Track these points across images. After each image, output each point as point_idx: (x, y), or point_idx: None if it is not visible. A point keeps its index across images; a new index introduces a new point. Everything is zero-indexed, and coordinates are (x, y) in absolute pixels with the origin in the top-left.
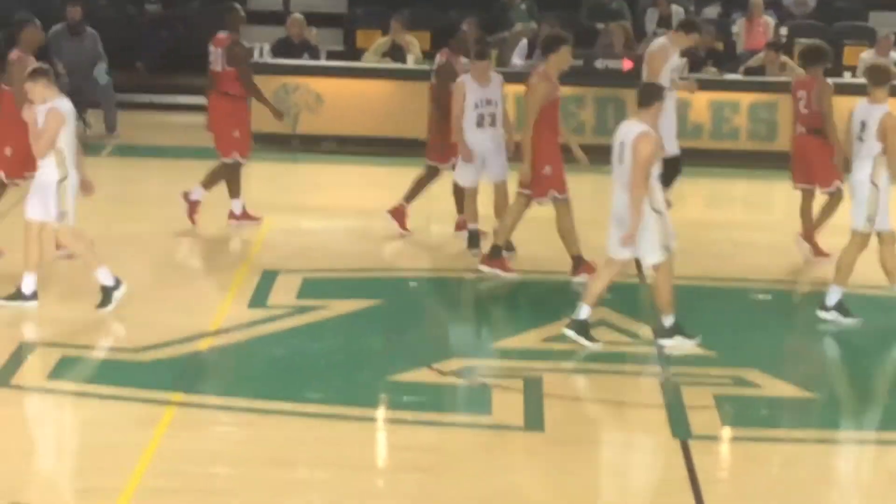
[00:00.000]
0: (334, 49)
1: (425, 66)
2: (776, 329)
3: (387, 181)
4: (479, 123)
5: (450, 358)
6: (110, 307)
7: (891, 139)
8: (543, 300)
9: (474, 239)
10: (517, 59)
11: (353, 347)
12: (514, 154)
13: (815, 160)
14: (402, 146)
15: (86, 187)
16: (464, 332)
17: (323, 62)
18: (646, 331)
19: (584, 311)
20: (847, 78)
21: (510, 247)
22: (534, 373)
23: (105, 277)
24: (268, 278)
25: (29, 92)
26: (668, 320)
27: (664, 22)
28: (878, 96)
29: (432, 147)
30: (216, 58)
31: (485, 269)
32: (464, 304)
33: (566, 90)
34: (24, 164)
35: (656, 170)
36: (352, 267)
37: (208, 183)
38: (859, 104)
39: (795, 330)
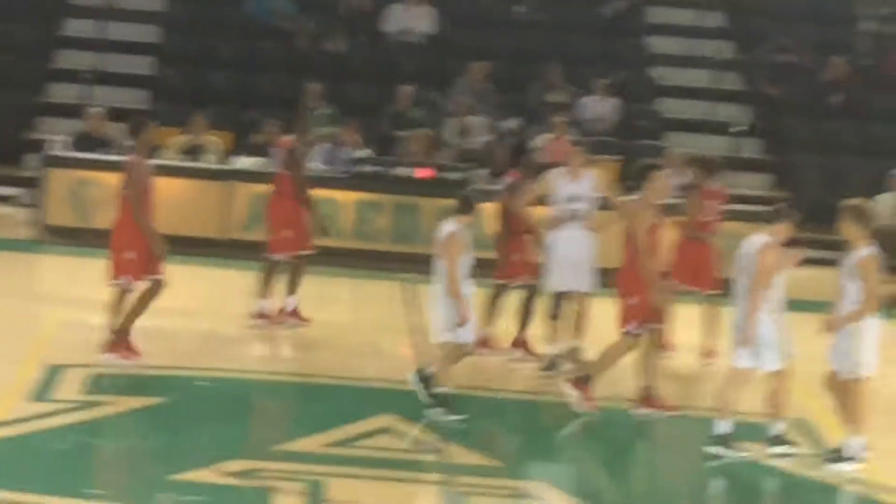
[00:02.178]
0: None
1: (225, 166)
2: (566, 443)
3: (178, 279)
4: None
5: (232, 459)
6: None
7: None
8: (330, 404)
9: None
10: (317, 163)
11: (135, 445)
12: None
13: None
14: (198, 245)
15: None
16: (248, 434)
17: (120, 158)
18: (431, 439)
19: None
20: None
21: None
22: (316, 477)
23: None
24: (54, 372)
25: None
26: (777, 427)
27: (464, 132)
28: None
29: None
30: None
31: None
32: (249, 406)
33: (363, 196)
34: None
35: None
36: (140, 363)
37: (291, 287)
38: None
39: (586, 444)
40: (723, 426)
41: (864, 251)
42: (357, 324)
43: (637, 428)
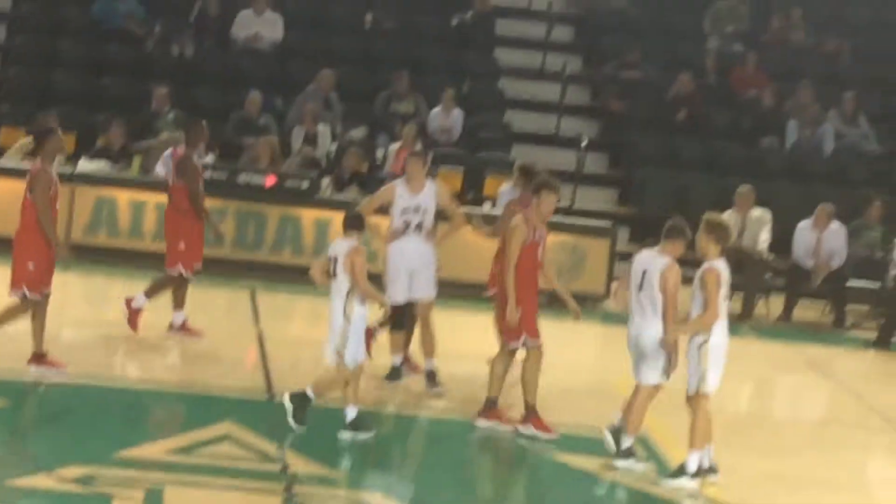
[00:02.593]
0: None
1: (68, 169)
2: (406, 453)
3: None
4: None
5: (72, 465)
6: None
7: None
8: (172, 411)
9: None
10: (160, 169)
11: None
12: None
13: None
14: None
15: None
16: (89, 440)
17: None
18: (271, 448)
19: (627, 441)
20: (487, 208)
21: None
22: (156, 484)
23: None
24: None
25: None
26: (628, 441)
27: (310, 140)
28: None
29: None
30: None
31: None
32: (90, 412)
33: (207, 202)
34: None
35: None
36: None
37: (151, 292)
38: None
39: (425, 455)
40: (627, 441)
41: (710, 264)
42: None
43: (479, 439)
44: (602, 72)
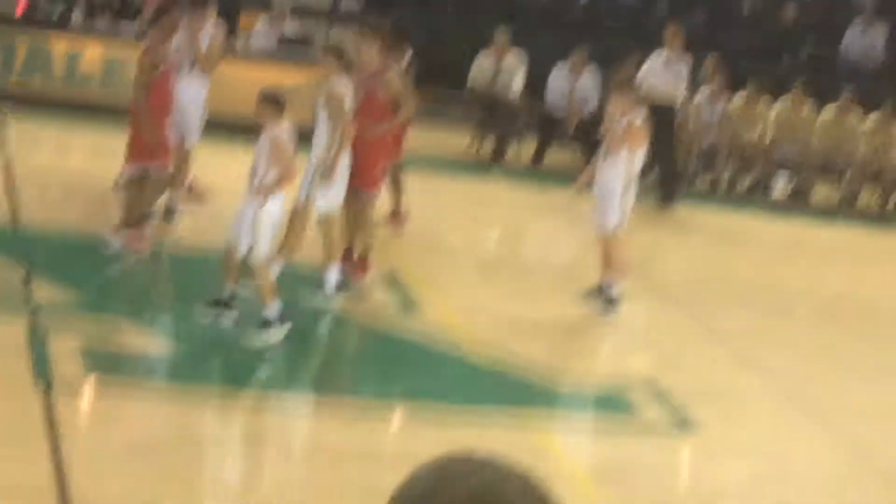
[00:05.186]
0: None
1: None
2: (149, 281)
3: None
4: None
5: None
6: None
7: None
8: None
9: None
10: None
11: None
12: None
13: None
14: None
15: None
16: None
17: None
18: (16, 275)
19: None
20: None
21: None
22: None
23: None
24: None
25: None
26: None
27: None
28: None
29: None
30: None
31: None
32: None
33: None
34: None
35: None
36: None
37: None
38: None
39: (172, 284)
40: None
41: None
42: None
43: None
44: None
